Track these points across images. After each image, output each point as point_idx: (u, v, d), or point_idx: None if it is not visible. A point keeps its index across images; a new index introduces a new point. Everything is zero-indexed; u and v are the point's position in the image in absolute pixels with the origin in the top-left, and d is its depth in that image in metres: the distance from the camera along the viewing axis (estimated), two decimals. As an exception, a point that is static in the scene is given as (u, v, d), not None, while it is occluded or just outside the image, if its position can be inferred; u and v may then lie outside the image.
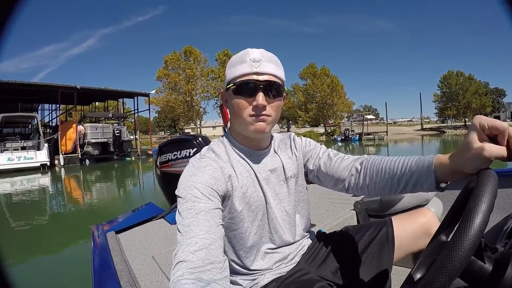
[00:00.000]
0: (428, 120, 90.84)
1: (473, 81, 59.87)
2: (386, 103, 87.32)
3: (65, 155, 23.17)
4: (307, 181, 1.25)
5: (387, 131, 51.99)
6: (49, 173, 19.64)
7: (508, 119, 75.48)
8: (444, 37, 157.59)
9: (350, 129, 50.53)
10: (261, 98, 0.99)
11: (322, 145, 1.26)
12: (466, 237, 0.58)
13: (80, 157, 23.77)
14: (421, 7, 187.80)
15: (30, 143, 21.42)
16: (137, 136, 31.02)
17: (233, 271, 1.09)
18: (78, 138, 24.08)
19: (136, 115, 32.75)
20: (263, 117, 1.01)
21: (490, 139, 0.75)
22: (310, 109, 54.13)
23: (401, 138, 48.78)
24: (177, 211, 0.88)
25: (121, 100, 36.23)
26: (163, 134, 74.27)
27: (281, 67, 1.07)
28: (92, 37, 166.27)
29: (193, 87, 42.08)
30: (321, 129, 57.75)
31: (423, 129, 64.53)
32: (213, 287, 0.71)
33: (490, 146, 0.73)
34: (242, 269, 1.10)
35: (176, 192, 0.93)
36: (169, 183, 3.65)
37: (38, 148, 21.41)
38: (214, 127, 65.49)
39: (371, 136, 48.27)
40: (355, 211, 2.47)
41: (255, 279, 1.10)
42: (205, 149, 1.11)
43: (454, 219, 0.82)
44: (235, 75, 1.02)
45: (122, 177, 17.52)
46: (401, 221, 1.24)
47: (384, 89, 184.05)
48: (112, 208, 8.86)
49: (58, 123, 25.90)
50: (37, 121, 24.37)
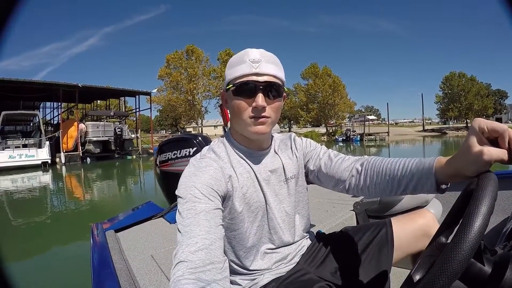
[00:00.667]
0: (429, 121, 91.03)
1: (475, 83, 59.66)
2: (387, 103, 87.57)
3: (66, 153, 23.19)
4: (308, 182, 1.25)
5: (388, 132, 51.91)
6: (50, 171, 19.65)
7: (509, 121, 75.49)
8: (446, 38, 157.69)
9: (351, 130, 50.50)
10: (261, 99, 0.98)
11: (322, 145, 1.26)
12: (466, 239, 0.58)
13: (81, 155, 23.80)
14: (424, 8, 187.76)
15: (31, 141, 21.44)
16: (138, 134, 31.02)
17: (233, 271, 1.09)
18: (79, 136, 24.09)
19: (137, 113, 32.73)
20: (263, 119, 1.01)
21: (490, 142, 0.74)
22: (311, 109, 54.09)
23: (403, 139, 48.74)
24: (177, 211, 0.88)
25: (122, 98, 36.29)
26: (164, 133, 74.30)
27: (281, 67, 1.06)
28: (94, 36, 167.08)
29: (194, 86, 42.17)
30: (322, 129, 57.71)
31: (424, 130, 64.47)
32: (213, 287, 0.71)
33: (489, 149, 0.72)
34: (241, 269, 1.09)
35: (176, 192, 0.93)
36: (169, 182, 3.66)
37: (39, 146, 21.43)
38: (215, 126, 65.56)
39: (372, 136, 48.29)
40: (354, 212, 2.46)
41: (255, 279, 1.09)
42: (206, 149, 1.11)
43: (453, 221, 0.82)
44: (234, 76, 1.01)
45: (123, 176, 17.55)
46: (401, 222, 1.24)
47: (386, 90, 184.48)
48: (112, 206, 8.88)
49: (59, 121, 25.90)
50: (39, 119, 24.44)
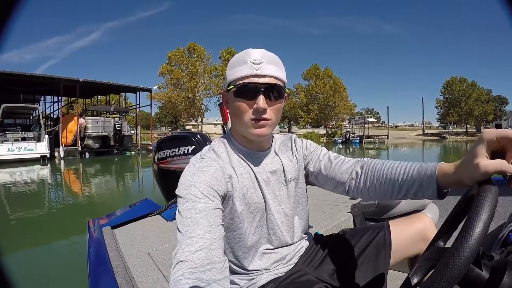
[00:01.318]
0: (429, 125, 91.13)
1: (476, 88, 59.76)
2: (388, 106, 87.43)
3: (65, 148, 23.21)
4: (307, 183, 1.25)
5: (388, 135, 51.93)
6: (49, 165, 19.67)
7: (509, 127, 75.40)
8: (448, 43, 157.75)
9: (351, 132, 50.55)
10: (262, 101, 0.97)
11: (322, 147, 1.25)
12: (466, 245, 0.59)
13: (80, 150, 23.81)
14: (427, 13, 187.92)
15: (31, 134, 21.46)
16: (138, 131, 31.04)
17: (231, 271, 1.08)
18: (79, 131, 24.11)
19: (137, 110, 32.75)
20: (263, 121, 1.00)
21: (497, 154, 0.74)
22: (312, 110, 54.03)
23: (402, 142, 48.78)
24: (177, 210, 0.88)
25: (123, 94, 36.31)
26: (164, 130, 74.36)
27: (283, 68, 1.05)
28: (97, 31, 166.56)
29: (195, 84, 42.14)
30: (322, 131, 57.72)
31: (424, 134, 64.55)
32: (213, 287, 0.71)
33: (488, 162, 0.72)
34: (239, 269, 1.10)
35: (176, 191, 0.92)
36: (167, 179, 3.66)
37: (38, 139, 21.44)
38: (215, 124, 65.47)
39: (371, 139, 48.29)
40: (352, 214, 2.46)
41: (253, 279, 1.10)
42: (206, 149, 1.11)
43: (452, 226, 0.82)
44: (235, 76, 1.00)
45: (121, 172, 17.55)
46: (399, 225, 1.24)
47: (386, 93, 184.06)
48: (109, 202, 8.89)
49: (59, 115, 25.89)
50: (39, 113, 24.41)
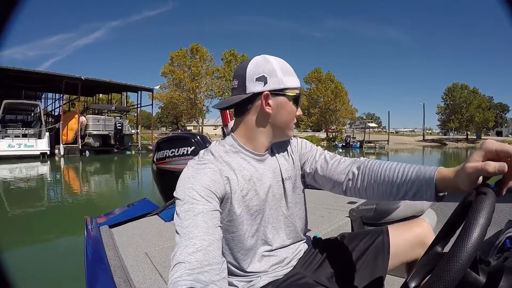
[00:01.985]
0: (430, 131, 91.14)
1: (477, 95, 59.59)
2: (389, 112, 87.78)
3: (66, 145, 23.29)
4: (305, 184, 1.25)
5: (388, 140, 51.92)
6: (49, 162, 19.72)
7: (510, 135, 75.62)
8: (450, 49, 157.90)
9: (351, 136, 50.50)
10: (300, 110, 1.15)
11: (318, 147, 1.26)
12: (464, 249, 0.60)
13: (80, 148, 23.91)
14: (430, 19, 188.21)
15: (31, 131, 21.53)
16: (138, 130, 31.08)
17: (229, 272, 1.08)
18: (79, 129, 24.18)
19: (139, 109, 32.80)
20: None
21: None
22: (313, 113, 54.00)
23: (402, 148, 48.81)
24: (175, 212, 0.88)
25: (124, 93, 36.35)
26: (164, 130, 74.39)
27: None
28: (100, 29, 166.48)
29: (197, 85, 42.13)
30: (322, 135, 57.66)
31: (424, 140, 64.52)
32: None
33: (476, 163, 0.75)
34: (238, 271, 1.10)
35: (174, 193, 0.93)
36: (165, 180, 3.65)
37: (39, 136, 21.52)
38: (215, 126, 65.41)
39: (372, 144, 48.29)
40: (350, 219, 2.46)
41: (251, 281, 1.10)
42: (204, 151, 1.11)
43: (450, 231, 0.84)
44: (294, 85, 1.10)
45: (120, 171, 17.58)
46: (397, 230, 1.25)
47: (388, 98, 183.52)
48: (108, 201, 8.89)
49: (60, 113, 25.94)
50: (40, 110, 24.47)
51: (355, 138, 50.71)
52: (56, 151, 22.77)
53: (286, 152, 1.22)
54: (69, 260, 3.90)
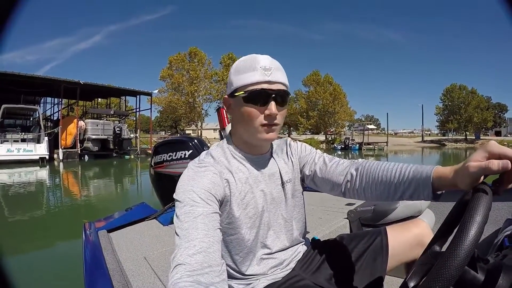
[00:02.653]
0: (429, 132, 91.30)
1: (476, 95, 59.78)
2: (387, 113, 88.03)
3: (65, 150, 23.26)
4: (304, 186, 1.25)
5: (387, 142, 52.11)
6: (48, 166, 19.67)
7: (509, 135, 75.74)
8: (448, 50, 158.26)
9: (350, 138, 50.61)
10: (274, 107, 0.99)
11: (317, 150, 1.26)
12: (462, 246, 0.61)
13: (79, 152, 23.85)
14: (428, 20, 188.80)
15: (30, 136, 21.51)
16: (137, 134, 31.07)
17: (228, 275, 1.08)
18: (78, 133, 24.15)
19: (137, 113, 32.79)
20: (274, 126, 1.02)
21: None
22: (311, 116, 54.07)
23: (401, 149, 48.91)
24: (175, 214, 0.88)
25: (123, 98, 36.38)
26: (164, 134, 74.37)
27: (286, 75, 1.07)
28: (99, 33, 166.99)
29: (196, 88, 42.26)
30: (321, 137, 57.72)
31: (423, 141, 64.67)
32: None
33: (479, 162, 0.75)
34: (237, 274, 1.10)
35: (174, 196, 0.93)
36: (163, 184, 3.64)
37: (38, 141, 21.51)
38: (215, 129, 65.41)
39: (371, 146, 48.48)
40: (348, 220, 2.47)
41: (250, 283, 1.10)
42: (204, 153, 1.11)
43: (448, 230, 0.84)
44: (245, 82, 1.00)
45: (119, 175, 17.54)
46: (396, 231, 1.25)
47: (386, 100, 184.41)
48: (106, 205, 8.85)
49: (59, 117, 25.92)
50: (39, 114, 24.57)
51: (354, 140, 50.92)
52: (55, 156, 22.74)
53: (286, 155, 1.22)
54: (68, 265, 3.89)
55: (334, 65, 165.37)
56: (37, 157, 20.65)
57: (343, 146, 47.34)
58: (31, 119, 27.11)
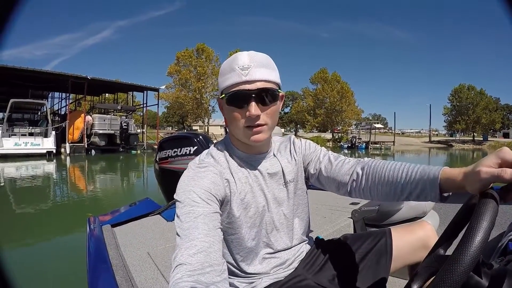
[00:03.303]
0: (436, 132, 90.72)
1: (484, 96, 59.15)
2: (395, 113, 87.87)
3: (72, 144, 23.43)
4: (309, 185, 1.24)
5: (394, 141, 51.84)
6: (54, 160, 19.84)
7: (517, 136, 74.86)
8: (457, 50, 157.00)
9: (357, 137, 50.40)
10: (254, 108, 0.95)
11: (322, 147, 1.25)
12: (467, 252, 0.60)
13: (86, 147, 24.05)
14: (437, 20, 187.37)
15: (38, 130, 21.70)
16: (144, 130, 31.20)
17: (231, 273, 1.08)
18: (85, 128, 24.34)
19: (145, 109, 32.92)
20: (258, 128, 0.99)
21: None
22: (318, 114, 53.88)
23: (408, 149, 48.63)
24: (175, 215, 0.88)
25: (131, 93, 36.53)
26: (170, 129, 74.61)
27: (274, 68, 1.02)
28: (107, 29, 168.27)
29: (203, 85, 42.32)
30: (328, 135, 57.54)
31: (430, 142, 64.28)
32: None
33: (492, 169, 0.73)
34: (239, 272, 1.10)
35: (174, 196, 0.93)
36: (167, 179, 3.65)
37: (45, 135, 21.71)
38: (222, 126, 65.52)
39: (378, 145, 48.24)
40: (352, 220, 2.45)
41: (253, 282, 1.09)
42: (204, 153, 1.11)
43: (453, 234, 0.84)
44: (225, 85, 0.99)
45: (125, 170, 17.65)
46: (400, 232, 1.24)
47: (394, 99, 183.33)
48: (112, 199, 8.91)
49: (67, 112, 26.09)
50: (46, 109, 24.73)
51: (361, 139, 50.66)
52: (62, 150, 22.94)
53: (289, 153, 1.21)
54: (71, 258, 3.92)
55: (342, 63, 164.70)
56: (44, 151, 20.84)
57: (349, 144, 47.15)
58: (39, 114, 27.42)
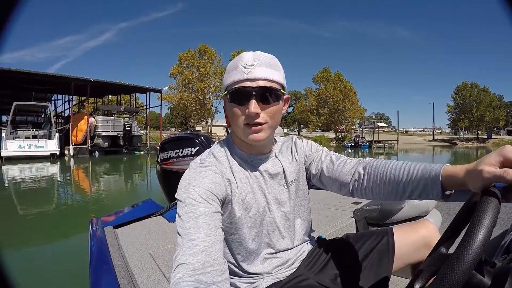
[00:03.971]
0: (440, 131, 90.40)
1: (488, 94, 58.73)
2: (398, 111, 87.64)
3: (75, 146, 23.57)
4: (311, 185, 1.24)
5: (397, 140, 51.67)
6: (58, 162, 19.97)
7: (521, 134, 74.53)
8: (460, 48, 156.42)
9: (360, 136, 50.28)
10: (253, 106, 0.95)
11: (324, 147, 1.24)
12: (469, 251, 0.60)
13: (89, 148, 24.20)
14: (440, 18, 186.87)
15: (41, 132, 21.84)
16: (147, 131, 31.29)
17: (232, 273, 1.08)
18: (89, 129, 24.46)
19: (148, 110, 33.01)
20: (258, 126, 0.98)
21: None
22: (322, 113, 53.85)
23: (412, 147, 48.52)
24: (177, 214, 0.88)
25: (133, 94, 36.65)
26: (174, 130, 74.75)
27: (279, 69, 1.02)
28: (109, 31, 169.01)
29: (206, 85, 42.36)
30: (331, 135, 57.49)
31: (434, 140, 64.01)
32: None
33: (495, 168, 0.72)
34: (240, 272, 1.09)
35: (176, 195, 0.93)
36: (169, 180, 3.64)
37: (49, 137, 21.82)
38: (225, 126, 65.52)
39: (381, 144, 48.12)
40: (354, 219, 2.45)
41: (254, 282, 1.09)
42: (206, 153, 1.10)
43: (455, 232, 0.83)
44: (228, 82, 1.00)
45: (129, 171, 17.73)
46: (403, 231, 1.23)
47: (397, 98, 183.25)
48: (115, 201, 8.95)
49: (70, 114, 26.25)
50: (50, 111, 24.81)
51: (364, 138, 50.47)
52: (65, 152, 23.08)
53: (290, 154, 1.20)
54: (74, 259, 3.94)
55: (344, 62, 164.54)
56: (48, 153, 20.96)
57: (353, 144, 47.02)
58: (42, 116, 27.51)
